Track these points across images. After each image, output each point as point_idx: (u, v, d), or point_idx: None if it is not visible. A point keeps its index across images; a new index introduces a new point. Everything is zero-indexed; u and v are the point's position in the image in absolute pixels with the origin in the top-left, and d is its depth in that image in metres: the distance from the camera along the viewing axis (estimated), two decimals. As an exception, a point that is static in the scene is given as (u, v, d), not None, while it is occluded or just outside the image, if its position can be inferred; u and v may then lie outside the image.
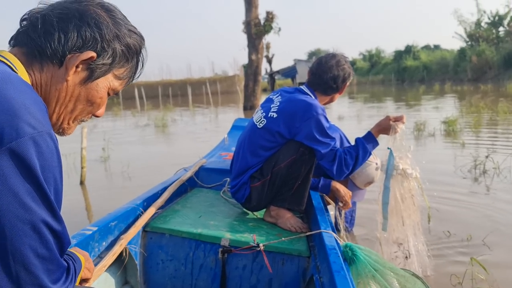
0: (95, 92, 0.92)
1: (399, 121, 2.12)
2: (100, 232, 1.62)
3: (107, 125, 12.52)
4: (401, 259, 2.11)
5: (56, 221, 0.78)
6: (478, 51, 31.00)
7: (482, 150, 5.60)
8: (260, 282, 1.76)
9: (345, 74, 2.16)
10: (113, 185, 4.94)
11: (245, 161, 2.08)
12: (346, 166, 2.03)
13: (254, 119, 2.15)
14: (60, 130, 0.96)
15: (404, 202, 2.10)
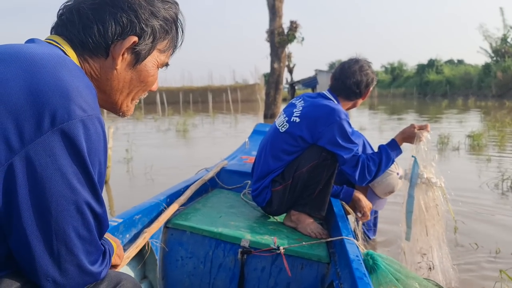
0: (145, 73, 0.93)
1: (423, 129, 2.10)
2: (125, 225, 1.64)
3: (129, 129, 12.72)
4: (425, 270, 2.07)
5: (98, 204, 0.80)
6: (503, 67, 30.38)
7: (509, 165, 5.49)
8: (278, 285, 1.75)
9: (368, 80, 2.15)
10: (136, 186, 5.01)
11: (266, 165, 2.08)
12: (368, 173, 2.02)
13: (276, 124, 2.15)
14: (121, 113, 0.98)
15: (428, 211, 2.07)
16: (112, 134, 5.35)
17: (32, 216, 0.72)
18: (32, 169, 0.70)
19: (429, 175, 2.07)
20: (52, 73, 0.73)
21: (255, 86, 36.83)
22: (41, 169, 0.70)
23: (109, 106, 0.96)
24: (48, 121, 0.70)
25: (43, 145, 0.70)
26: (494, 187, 4.44)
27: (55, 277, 0.76)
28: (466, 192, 4.28)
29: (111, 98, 0.93)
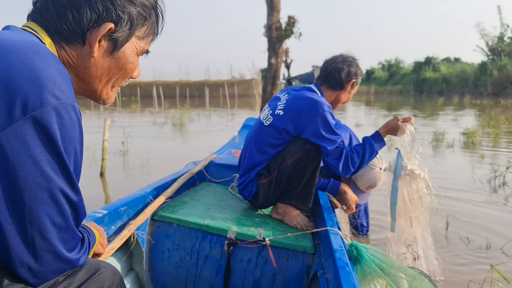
0: (124, 60, 0.92)
1: (407, 122, 2.10)
2: (110, 216, 1.64)
3: (126, 122, 12.70)
4: (410, 260, 2.10)
5: (73, 191, 0.80)
6: (499, 66, 30.52)
7: (502, 162, 5.56)
8: (264, 276, 1.76)
9: (350, 70, 2.14)
10: (132, 178, 5.02)
11: (252, 158, 2.08)
12: (352, 164, 2.03)
13: (261, 117, 2.16)
14: (101, 101, 0.97)
15: (412, 203, 2.09)
16: (108, 126, 5.33)
17: (5, 204, 0.72)
18: (4, 156, 0.70)
19: (412, 167, 2.08)
20: (24, 60, 0.73)
21: (252, 81, 36.79)
22: (13, 157, 0.70)
23: (89, 94, 0.95)
24: (20, 109, 0.70)
25: (14, 133, 0.70)
26: (487, 183, 4.51)
27: (30, 264, 0.76)
28: (460, 188, 4.35)
29: (90, 86, 0.92)
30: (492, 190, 4.27)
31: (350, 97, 2.24)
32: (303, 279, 1.74)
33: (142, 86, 36.68)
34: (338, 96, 2.19)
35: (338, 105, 2.22)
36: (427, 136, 8.11)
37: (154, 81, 38.46)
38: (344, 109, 19.88)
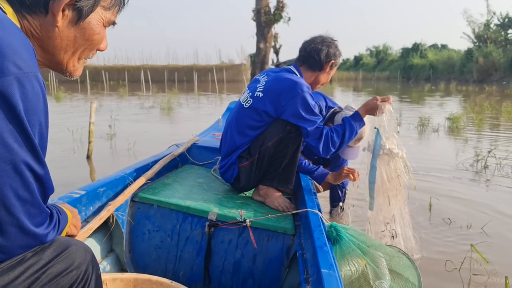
0: (90, 30, 0.89)
1: (386, 101, 2.10)
2: (88, 197, 1.62)
3: (113, 106, 12.59)
4: (388, 238, 2.14)
5: (39, 164, 0.77)
6: (485, 53, 30.84)
7: (484, 146, 5.70)
8: (244, 257, 1.78)
9: (329, 51, 2.13)
10: (119, 161, 4.99)
11: (232, 141, 2.08)
12: (332, 144, 2.02)
13: (241, 100, 2.15)
14: (67, 73, 0.93)
15: (390, 182, 2.11)
16: (94, 109, 5.27)
17: None
18: None
19: (391, 146, 2.09)
20: None
21: (241, 66, 36.57)
22: None
23: (54, 66, 0.92)
24: None
25: None
26: (470, 166, 4.63)
27: None
28: (443, 171, 4.46)
29: (55, 58, 0.89)
30: (474, 173, 4.39)
31: (329, 78, 2.24)
32: (283, 259, 1.76)
33: (130, 70, 36.25)
34: (317, 77, 2.18)
35: (318, 86, 2.22)
36: (413, 121, 8.24)
37: (142, 65, 37.96)
38: (333, 94, 19.96)
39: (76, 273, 0.90)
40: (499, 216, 3.10)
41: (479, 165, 4.63)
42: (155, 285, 1.44)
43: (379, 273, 1.60)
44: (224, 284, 1.80)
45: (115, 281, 1.42)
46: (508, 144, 6.12)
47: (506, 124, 8.26)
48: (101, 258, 1.72)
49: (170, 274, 1.82)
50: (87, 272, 0.94)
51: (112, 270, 1.73)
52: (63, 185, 3.80)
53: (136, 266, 1.84)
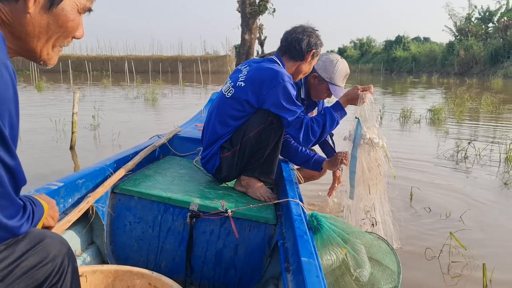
0: (64, 17, 0.85)
1: (367, 90, 2.10)
2: (67, 189, 1.59)
3: (97, 96, 12.42)
4: (368, 226, 2.17)
5: (9, 155, 0.75)
6: (466, 46, 31.35)
7: (464, 138, 5.83)
8: (226, 247, 1.79)
9: (310, 40, 2.13)
10: (103, 152, 4.93)
11: (214, 131, 2.07)
12: (313, 134, 2.02)
13: (222, 90, 2.14)
14: (41, 62, 0.90)
15: (370, 171, 2.12)
16: (77, 99, 5.19)
17: None
18: None
19: (371, 136, 2.10)
20: None
21: (226, 58, 36.35)
22: None
23: (28, 54, 0.89)
24: None
25: None
26: (450, 157, 4.75)
27: None
28: (425, 160, 4.57)
29: (28, 45, 0.86)
30: (454, 163, 4.51)
31: (311, 68, 2.24)
32: (265, 249, 1.78)
33: (114, 61, 35.66)
34: (299, 67, 2.18)
35: (299, 76, 2.22)
36: (395, 112, 8.37)
37: (126, 55, 37.39)
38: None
39: (52, 266, 0.89)
40: (477, 204, 3.20)
41: (459, 155, 4.76)
42: (136, 276, 1.44)
43: (359, 262, 1.63)
44: (206, 274, 1.81)
45: (95, 273, 1.42)
46: (487, 135, 6.29)
47: (485, 116, 8.46)
48: (81, 250, 1.71)
49: (151, 266, 1.82)
50: (63, 264, 0.93)
51: (93, 262, 1.72)
52: (45, 175, 3.77)
53: (117, 258, 1.83)
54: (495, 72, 26.39)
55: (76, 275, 0.98)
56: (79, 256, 1.66)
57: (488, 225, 2.82)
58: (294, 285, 1.24)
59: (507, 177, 3.93)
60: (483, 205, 3.20)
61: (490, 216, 2.99)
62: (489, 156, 4.69)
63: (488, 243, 2.55)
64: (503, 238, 2.63)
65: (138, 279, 1.44)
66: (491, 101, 9.44)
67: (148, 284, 1.43)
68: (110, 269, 1.44)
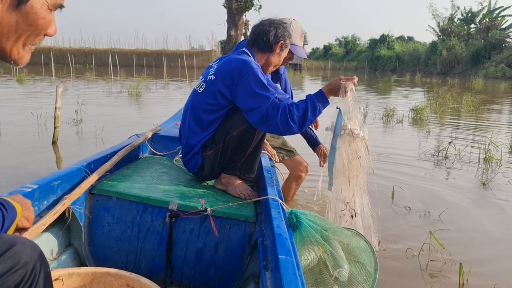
0: (34, 15, 0.82)
1: (350, 81, 2.04)
2: (41, 191, 1.56)
3: (80, 90, 12.23)
4: (348, 217, 2.18)
5: None
6: (448, 46, 31.94)
7: (445, 138, 5.95)
8: (206, 246, 1.79)
9: (277, 32, 2.12)
10: (86, 147, 4.86)
11: (190, 128, 2.06)
12: (291, 118, 1.91)
13: (195, 87, 2.14)
14: (12, 61, 0.87)
15: (351, 162, 2.12)
16: (60, 94, 5.08)
17: None
18: None
19: (353, 127, 2.08)
20: None
21: (211, 53, 36.19)
22: None
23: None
24: None
25: None
26: (431, 156, 4.84)
27: None
28: (406, 160, 4.65)
29: None
30: (435, 163, 4.59)
31: (281, 60, 2.22)
32: (245, 247, 1.78)
33: (97, 54, 35.16)
34: (269, 58, 2.17)
35: (270, 68, 2.20)
36: (379, 111, 8.48)
37: (110, 48, 36.92)
38: (302, 83, 20.15)
39: (22, 272, 0.87)
40: (456, 204, 3.28)
41: (440, 155, 4.85)
42: (114, 278, 1.43)
43: (338, 261, 1.65)
44: (186, 273, 1.81)
45: (72, 276, 1.39)
46: (467, 135, 6.43)
47: (466, 116, 8.64)
48: (58, 252, 1.68)
49: (131, 266, 1.81)
50: (35, 270, 0.91)
51: (71, 265, 1.70)
52: (28, 172, 3.71)
53: (96, 259, 1.81)
54: (476, 73, 26.97)
55: (49, 280, 0.97)
56: (56, 258, 1.64)
57: (465, 225, 2.89)
58: (272, 282, 1.24)
59: (485, 177, 4.04)
60: (462, 204, 3.28)
61: (468, 215, 3.07)
62: (468, 156, 4.81)
63: (465, 242, 2.61)
64: (480, 238, 2.70)
65: (116, 281, 1.43)
66: (472, 101, 9.64)
67: (127, 285, 1.42)
68: (87, 272, 1.42)
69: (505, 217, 3.06)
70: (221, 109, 2.01)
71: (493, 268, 2.29)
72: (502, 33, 31.20)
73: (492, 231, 2.79)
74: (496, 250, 2.52)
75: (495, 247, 2.57)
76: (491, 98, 12.91)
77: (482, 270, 2.24)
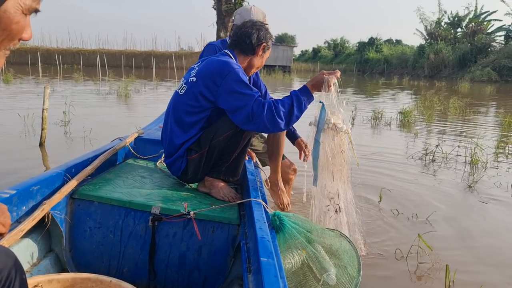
0: (7, 20, 0.80)
1: (332, 75, 2.05)
2: (20, 196, 1.53)
3: (67, 91, 12.10)
4: (332, 213, 2.18)
5: None
6: (436, 49, 32.37)
7: (432, 141, 6.03)
8: (190, 249, 1.78)
9: (260, 34, 2.13)
10: (74, 149, 4.80)
11: (172, 129, 2.05)
12: (278, 114, 1.90)
13: (176, 90, 2.13)
14: None
15: (335, 157, 2.11)
16: (48, 95, 5.01)
17: None
18: None
19: (336, 121, 2.08)
20: None
21: (201, 54, 36.07)
22: None
23: None
24: None
25: None
26: (419, 159, 4.89)
27: None
28: (394, 163, 4.70)
29: None
30: (423, 166, 4.64)
31: (263, 62, 2.23)
32: (228, 250, 1.78)
33: (85, 54, 34.81)
34: (251, 61, 2.17)
35: (252, 70, 2.21)
36: (367, 113, 8.56)
37: (98, 49, 36.60)
38: (291, 85, 20.22)
39: None
40: (443, 206, 3.32)
41: (427, 158, 4.91)
42: (95, 283, 1.41)
43: (325, 265, 1.66)
44: (169, 277, 1.80)
45: (51, 283, 1.37)
46: (454, 138, 6.52)
47: (453, 119, 8.76)
48: (39, 258, 1.66)
49: (114, 271, 1.79)
50: (10, 277, 0.89)
51: (52, 271, 1.67)
52: (14, 173, 3.67)
53: (77, 265, 1.79)
54: (463, 76, 27.37)
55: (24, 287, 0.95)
56: (37, 264, 1.62)
57: (452, 227, 2.92)
58: (254, 285, 1.24)
59: (471, 180, 4.10)
60: (449, 207, 3.32)
61: (454, 218, 3.10)
62: (455, 159, 4.88)
63: (452, 244, 2.64)
64: (465, 240, 2.73)
65: (97, 286, 1.41)
66: (458, 105, 9.77)
67: None
68: (67, 278, 1.40)
69: (490, 219, 3.11)
70: (203, 111, 2.00)
71: (479, 270, 2.32)
72: (488, 37, 31.73)
73: (478, 233, 2.84)
74: (482, 252, 2.56)
75: (481, 248, 2.61)
76: (477, 101, 13.10)
77: (469, 272, 2.26)
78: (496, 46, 31.07)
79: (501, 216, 3.18)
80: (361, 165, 4.29)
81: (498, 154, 5.31)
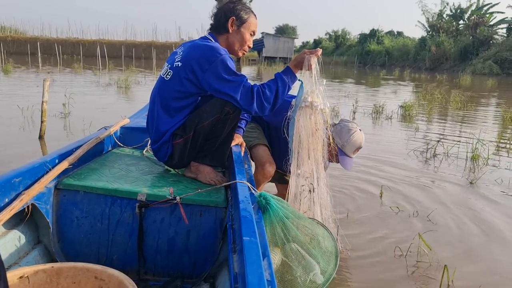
0: None
1: (313, 54, 2.04)
2: (1, 188, 1.51)
3: (67, 82, 12.05)
4: (307, 192, 2.17)
5: None
6: (437, 42, 32.17)
7: (434, 135, 5.97)
8: (178, 234, 1.79)
9: (226, 10, 2.08)
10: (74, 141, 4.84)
11: (159, 117, 2.03)
12: (266, 100, 1.93)
13: (161, 74, 2.08)
14: None
15: (313, 135, 2.11)
16: (47, 88, 4.98)
17: None
18: None
19: (314, 99, 2.07)
20: None
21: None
22: None
23: None
24: None
25: None
26: (420, 154, 4.84)
27: None
28: (395, 158, 4.64)
29: None
30: (424, 161, 4.58)
31: (245, 38, 2.12)
32: (217, 232, 1.80)
33: (85, 45, 34.75)
34: (228, 39, 2.11)
35: (235, 48, 2.14)
36: (368, 107, 8.52)
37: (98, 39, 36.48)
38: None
39: None
40: (444, 203, 3.25)
41: (428, 153, 4.85)
42: (81, 271, 1.42)
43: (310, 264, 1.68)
44: (159, 263, 1.81)
45: (37, 273, 1.37)
46: (455, 132, 6.49)
47: (454, 113, 8.72)
48: (27, 250, 1.66)
49: (103, 259, 1.80)
50: None
51: (41, 262, 1.67)
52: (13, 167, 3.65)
53: (66, 255, 1.79)
54: (464, 69, 27.25)
55: (4, 282, 0.95)
56: (25, 256, 1.62)
57: (453, 225, 2.88)
58: (238, 264, 1.25)
59: (472, 176, 4.07)
60: (450, 204, 3.25)
61: (455, 216, 3.05)
62: (456, 155, 4.81)
63: (452, 243, 2.59)
64: (466, 239, 2.67)
65: (83, 274, 1.42)
66: (460, 98, 9.74)
67: (95, 277, 1.41)
68: (53, 267, 1.40)
69: (491, 217, 3.09)
70: (190, 96, 1.98)
71: (479, 270, 2.29)
72: (490, 29, 31.50)
73: (478, 231, 2.82)
74: (482, 252, 2.53)
75: (481, 248, 2.58)
76: (479, 94, 13.05)
77: (468, 271, 2.22)
78: (498, 39, 30.85)
79: (503, 214, 3.15)
80: (361, 160, 4.29)
81: (500, 149, 5.28)
